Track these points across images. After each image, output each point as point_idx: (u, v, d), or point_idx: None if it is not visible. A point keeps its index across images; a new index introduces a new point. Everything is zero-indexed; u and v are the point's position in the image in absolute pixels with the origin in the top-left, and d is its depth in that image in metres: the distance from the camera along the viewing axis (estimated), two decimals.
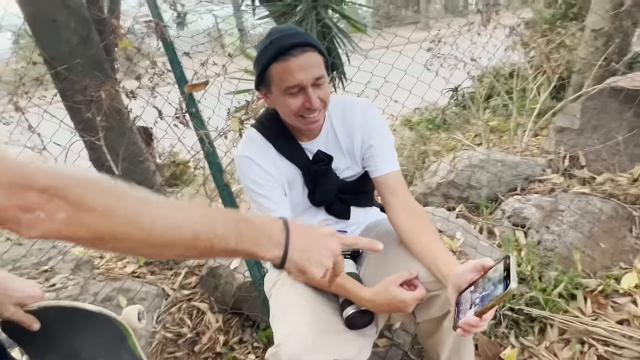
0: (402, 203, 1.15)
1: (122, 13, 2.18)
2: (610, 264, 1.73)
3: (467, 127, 3.89)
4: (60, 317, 0.81)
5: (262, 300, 1.47)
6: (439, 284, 1.01)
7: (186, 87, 1.63)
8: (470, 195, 2.15)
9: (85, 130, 1.72)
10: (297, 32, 1.01)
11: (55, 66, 1.58)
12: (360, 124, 1.19)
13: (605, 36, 2.46)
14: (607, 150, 2.02)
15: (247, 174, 1.17)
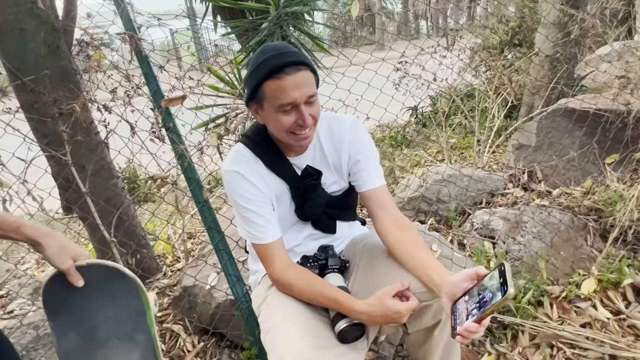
0: (390, 216, 1.18)
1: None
2: (571, 271, 1.85)
3: (428, 144, 4.06)
4: (98, 280, 0.90)
5: (246, 319, 1.44)
6: (430, 294, 1.04)
7: (163, 101, 1.60)
8: (439, 209, 2.24)
9: (51, 145, 1.62)
10: (291, 51, 1.02)
11: (19, 77, 1.49)
12: (348, 140, 1.22)
13: (553, 61, 2.69)
14: (562, 166, 2.18)
15: (236, 189, 1.15)
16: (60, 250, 0.87)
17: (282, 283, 1.15)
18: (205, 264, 1.70)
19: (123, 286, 0.92)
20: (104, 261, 0.92)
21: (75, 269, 0.88)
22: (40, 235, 0.87)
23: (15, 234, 0.86)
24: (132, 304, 0.93)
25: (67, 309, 0.91)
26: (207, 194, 1.51)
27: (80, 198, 1.80)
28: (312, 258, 1.25)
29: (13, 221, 0.87)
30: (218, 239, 1.49)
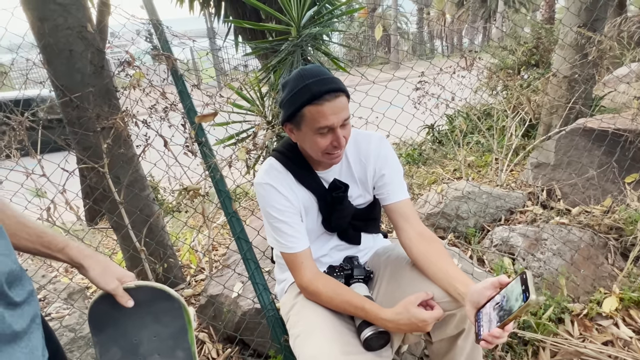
0: (414, 229, 1.24)
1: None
2: (592, 289, 1.85)
3: (445, 162, 4.10)
4: (143, 300, 0.93)
5: (271, 327, 1.49)
6: (454, 303, 1.08)
7: (196, 117, 1.70)
8: (458, 225, 2.27)
9: (90, 158, 1.73)
10: (330, 78, 1.10)
11: (66, 94, 1.61)
12: (374, 155, 1.28)
13: (571, 82, 2.73)
14: (581, 184, 2.20)
15: (268, 201, 1.22)
16: (104, 272, 0.89)
17: (310, 291, 1.20)
18: (233, 272, 1.76)
19: (167, 306, 0.96)
20: (151, 283, 0.96)
21: (124, 290, 0.91)
22: (83, 258, 0.89)
23: (61, 254, 0.88)
24: (174, 323, 0.96)
25: (111, 326, 0.94)
26: (236, 206, 1.59)
27: (113, 208, 1.90)
28: (338, 268, 1.30)
29: (60, 241, 0.88)
30: (246, 249, 1.55)
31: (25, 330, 0.70)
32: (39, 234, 0.84)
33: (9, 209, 0.81)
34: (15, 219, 0.81)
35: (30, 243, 0.83)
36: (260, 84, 4.16)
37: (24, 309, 0.71)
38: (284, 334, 1.46)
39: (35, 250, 0.85)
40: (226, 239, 2.69)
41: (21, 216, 0.83)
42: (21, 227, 0.81)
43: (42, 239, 0.84)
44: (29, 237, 0.83)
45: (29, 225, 0.83)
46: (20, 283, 0.73)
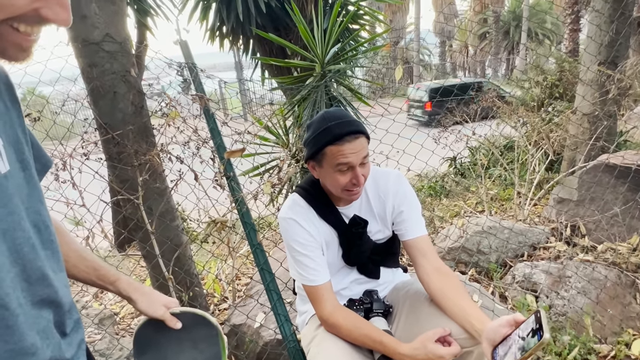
0: (432, 264, 1.27)
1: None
2: (619, 330, 1.81)
3: (468, 194, 4.09)
4: (184, 325, 1.00)
5: (292, 357, 1.52)
6: (471, 340, 1.10)
7: (226, 153, 1.81)
8: (479, 260, 2.26)
9: (127, 190, 1.85)
10: (351, 120, 1.18)
11: (109, 132, 1.75)
12: (393, 192, 1.34)
13: (593, 118, 2.74)
14: (605, 221, 2.18)
15: (291, 235, 1.29)
16: (150, 302, 0.98)
17: (330, 323, 1.24)
18: (256, 302, 1.81)
19: (205, 332, 1.02)
20: (193, 309, 1.03)
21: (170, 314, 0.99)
22: (131, 291, 0.97)
23: (112, 287, 0.96)
24: (210, 349, 1.02)
25: (153, 349, 1.01)
26: (261, 237, 1.66)
27: (145, 237, 2.01)
28: (358, 301, 1.34)
29: (112, 274, 0.96)
30: (269, 280, 1.61)
31: (73, 356, 0.77)
32: (95, 267, 0.93)
33: (73, 244, 0.91)
34: (77, 252, 0.90)
35: (87, 275, 0.92)
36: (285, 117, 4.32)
37: (72, 337, 0.79)
38: None
39: (90, 281, 0.93)
40: (249, 269, 2.75)
41: (82, 250, 0.93)
42: (81, 260, 0.90)
43: (97, 272, 0.93)
44: (87, 269, 0.91)
45: (88, 258, 0.92)
46: (71, 313, 0.81)
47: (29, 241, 0.66)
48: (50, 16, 0.53)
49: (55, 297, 0.72)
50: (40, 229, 0.69)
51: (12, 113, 0.70)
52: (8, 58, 0.56)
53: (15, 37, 0.54)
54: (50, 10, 0.53)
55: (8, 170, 0.64)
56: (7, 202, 0.62)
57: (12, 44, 0.54)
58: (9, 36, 0.53)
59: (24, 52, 0.56)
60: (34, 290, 0.67)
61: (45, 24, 0.55)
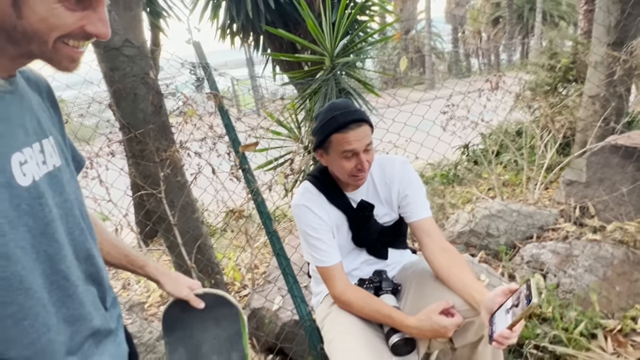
0: (437, 244, 1.35)
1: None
2: (627, 305, 1.86)
3: (480, 181, 4.12)
4: (207, 305, 1.08)
5: (309, 335, 1.63)
6: (473, 311, 1.18)
7: (240, 147, 1.91)
8: (489, 243, 2.32)
9: (150, 185, 1.98)
10: (354, 110, 1.27)
11: (132, 131, 1.87)
12: (398, 177, 1.43)
13: (601, 100, 2.75)
14: (613, 201, 2.21)
15: (304, 220, 1.38)
16: (176, 284, 1.08)
17: (342, 301, 1.34)
18: (274, 286, 1.92)
19: (226, 311, 1.11)
20: (215, 290, 1.13)
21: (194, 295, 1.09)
22: (158, 274, 1.08)
23: (141, 271, 1.07)
24: (231, 327, 1.11)
25: (180, 328, 1.10)
26: (276, 225, 1.76)
27: (168, 229, 2.14)
28: (368, 281, 1.43)
29: (141, 259, 1.08)
30: (285, 264, 1.72)
31: (115, 328, 0.88)
32: (126, 253, 1.04)
33: (106, 233, 1.03)
34: (109, 241, 1.02)
35: (119, 260, 1.03)
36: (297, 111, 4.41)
37: (111, 312, 0.90)
38: (320, 343, 1.60)
39: (121, 266, 1.05)
40: (266, 258, 2.87)
41: (114, 238, 1.04)
42: (114, 247, 1.02)
43: (128, 258, 1.04)
44: (119, 255, 1.03)
45: (119, 246, 1.04)
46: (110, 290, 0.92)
47: (79, 225, 0.77)
48: (93, 31, 0.64)
49: (98, 275, 0.83)
50: (84, 216, 0.81)
51: (55, 117, 0.82)
52: (62, 69, 0.67)
53: (68, 50, 0.64)
54: (93, 27, 0.63)
55: (61, 164, 0.75)
56: (62, 191, 0.74)
57: (65, 56, 0.65)
58: (62, 50, 0.64)
59: (74, 63, 0.67)
60: (83, 267, 0.78)
61: (90, 39, 0.65)
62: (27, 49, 0.63)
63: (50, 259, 0.69)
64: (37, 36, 0.61)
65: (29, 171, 0.66)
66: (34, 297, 0.65)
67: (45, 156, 0.71)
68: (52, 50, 0.63)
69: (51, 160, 0.73)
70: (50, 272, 0.69)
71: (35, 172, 0.67)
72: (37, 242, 0.66)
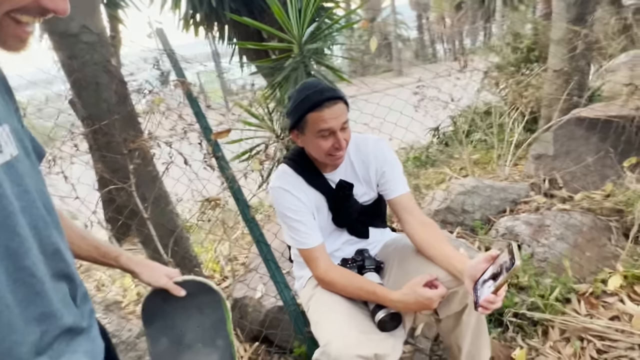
0: (416, 219, 1.36)
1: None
2: (596, 269, 1.94)
3: (452, 161, 4.20)
4: (189, 293, 1.05)
5: (294, 320, 1.61)
6: (455, 281, 1.20)
7: (213, 134, 1.86)
8: (465, 219, 2.37)
9: (119, 179, 1.90)
10: (328, 88, 1.25)
11: (95, 123, 1.78)
12: (374, 156, 1.42)
13: (565, 75, 2.84)
14: (580, 171, 2.30)
15: (283, 203, 1.36)
16: (153, 273, 1.03)
17: (326, 281, 1.33)
18: (255, 274, 1.90)
19: (208, 298, 1.08)
20: (195, 277, 1.09)
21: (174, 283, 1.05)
22: (133, 265, 1.03)
23: (115, 262, 1.02)
24: (214, 314, 1.08)
25: (161, 318, 1.06)
26: (254, 212, 1.73)
27: (141, 224, 2.06)
28: (351, 260, 1.43)
29: (113, 250, 1.02)
30: (266, 251, 1.69)
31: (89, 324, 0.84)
32: (96, 245, 0.98)
33: (73, 224, 0.97)
34: (77, 233, 0.96)
35: (89, 253, 0.97)
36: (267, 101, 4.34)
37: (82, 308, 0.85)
38: (306, 326, 1.59)
39: (92, 259, 0.99)
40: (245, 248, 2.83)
41: (82, 230, 0.98)
42: (82, 239, 0.96)
43: (99, 250, 0.98)
44: (89, 247, 0.97)
45: (88, 237, 0.98)
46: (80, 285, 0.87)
47: (43, 219, 0.71)
48: (50, 6, 0.58)
49: (68, 270, 0.78)
50: (49, 209, 0.75)
51: (9, 105, 0.75)
52: (8, 48, 0.61)
53: (14, 28, 0.59)
54: (50, 1, 0.58)
55: (18, 154, 0.69)
56: (20, 182, 0.68)
57: (11, 35, 0.59)
58: (9, 28, 0.58)
59: (22, 43, 0.61)
60: (50, 263, 0.73)
61: (46, 15, 0.60)
62: None
63: (12, 254, 0.63)
64: None
65: None
66: None
67: (1, 145, 0.66)
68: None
69: (7, 149, 0.67)
70: (14, 269, 0.64)
71: None
72: None
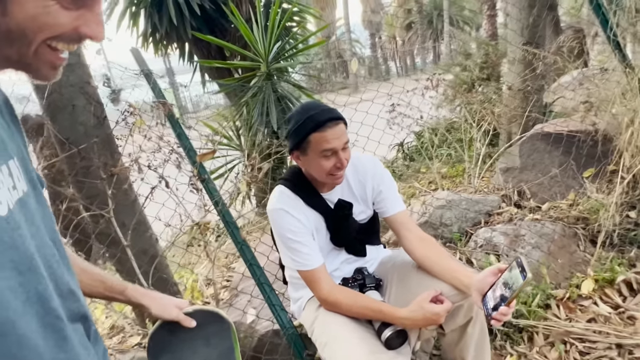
0: (415, 235, 1.39)
1: None
2: (570, 275, 2.06)
3: (419, 175, 4.34)
4: (198, 324, 1.01)
5: (293, 343, 1.58)
6: (460, 295, 1.23)
7: (197, 156, 1.81)
8: (444, 232, 2.45)
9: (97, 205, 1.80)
10: (329, 108, 1.27)
11: (71, 147, 1.69)
12: (371, 175, 1.44)
13: (521, 93, 3.04)
14: (546, 182, 2.45)
15: (283, 224, 1.34)
16: (163, 305, 0.99)
17: (330, 302, 1.32)
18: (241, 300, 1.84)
19: (216, 327, 1.04)
20: (204, 307, 1.06)
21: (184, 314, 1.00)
22: (141, 298, 0.98)
23: (122, 296, 0.96)
24: (222, 343, 1.03)
25: (168, 351, 1.01)
26: (245, 234, 1.69)
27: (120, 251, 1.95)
28: (352, 279, 1.43)
29: (120, 284, 0.96)
30: (259, 274, 1.65)
31: None
32: (101, 279, 0.92)
33: (75, 258, 0.90)
34: (80, 267, 0.89)
35: (95, 288, 0.91)
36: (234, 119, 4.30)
37: (96, 348, 0.79)
38: (306, 349, 1.56)
39: (98, 294, 0.93)
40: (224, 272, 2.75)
41: (85, 264, 0.92)
42: (86, 274, 0.89)
43: (104, 284, 0.92)
44: (94, 282, 0.91)
45: (92, 271, 0.91)
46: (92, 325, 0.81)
47: (54, 257, 0.66)
48: (88, 33, 0.56)
49: (83, 310, 0.73)
50: (58, 246, 0.70)
51: (16, 134, 0.70)
52: (40, 77, 0.58)
53: (51, 55, 0.56)
54: (88, 28, 0.56)
55: (27, 189, 0.65)
56: (33, 219, 0.63)
57: (46, 62, 0.56)
58: (44, 55, 0.55)
59: (54, 71, 0.58)
60: (67, 304, 0.67)
61: (82, 42, 0.57)
62: (5, 52, 0.54)
63: (41, 298, 0.59)
64: (22, 37, 0.52)
65: (4, 198, 0.56)
66: (28, 345, 0.55)
67: (14, 180, 0.61)
68: (33, 55, 0.55)
69: (20, 185, 0.62)
70: (44, 312, 0.59)
71: (9, 199, 0.57)
72: (26, 279, 0.57)
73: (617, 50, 2.17)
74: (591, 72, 2.99)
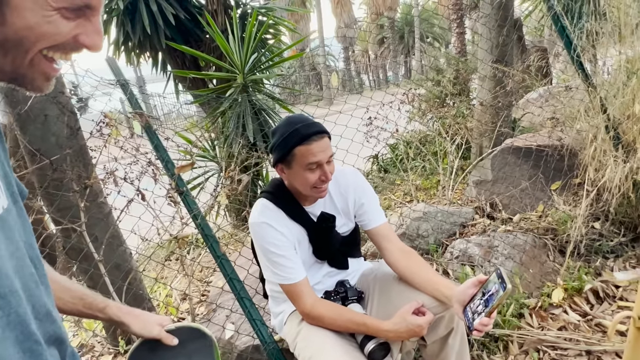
0: (396, 247, 1.41)
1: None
2: (541, 284, 2.13)
3: (394, 187, 4.40)
4: (180, 340, 0.99)
5: (274, 358, 1.55)
6: (441, 306, 1.25)
7: (176, 168, 1.78)
8: (420, 243, 2.49)
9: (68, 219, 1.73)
10: (314, 122, 1.28)
11: (42, 158, 1.62)
12: (353, 187, 1.46)
13: (493, 108, 3.17)
14: (517, 195, 2.55)
15: (265, 238, 1.33)
16: (145, 323, 0.96)
17: (313, 316, 1.31)
18: (218, 315, 1.80)
19: (199, 345, 1.01)
20: (187, 323, 1.04)
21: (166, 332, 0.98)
22: (123, 315, 0.94)
23: (102, 314, 0.92)
24: (206, 358, 1.01)
25: None
26: (224, 248, 1.67)
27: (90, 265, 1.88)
28: (334, 292, 1.43)
29: (100, 301, 0.92)
30: (239, 288, 1.63)
31: None
32: (81, 296, 0.88)
33: (54, 274, 0.86)
34: (59, 283, 0.85)
35: (73, 305, 0.87)
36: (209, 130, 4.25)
37: None
38: None
39: (77, 312, 0.89)
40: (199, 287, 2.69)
41: (64, 280, 0.87)
42: (65, 290, 0.85)
43: (84, 301, 0.88)
44: (73, 299, 0.87)
45: (72, 288, 0.87)
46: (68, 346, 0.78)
47: (32, 277, 0.63)
48: (87, 42, 0.55)
49: (59, 332, 0.69)
50: (36, 263, 0.67)
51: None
52: (34, 89, 0.56)
53: (45, 66, 0.55)
54: (87, 37, 0.55)
55: (8, 204, 0.62)
56: (12, 238, 0.60)
57: (41, 73, 0.55)
58: (40, 65, 0.54)
59: (48, 82, 0.57)
60: (44, 327, 0.64)
61: (79, 51, 0.56)
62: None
63: (21, 322, 0.56)
64: (19, 45, 0.51)
65: None
66: None
67: None
68: (28, 65, 0.54)
69: (0, 202, 0.60)
70: (23, 337, 0.56)
71: None
72: (6, 302, 0.54)
73: (580, 69, 2.29)
74: (556, 90, 3.15)
